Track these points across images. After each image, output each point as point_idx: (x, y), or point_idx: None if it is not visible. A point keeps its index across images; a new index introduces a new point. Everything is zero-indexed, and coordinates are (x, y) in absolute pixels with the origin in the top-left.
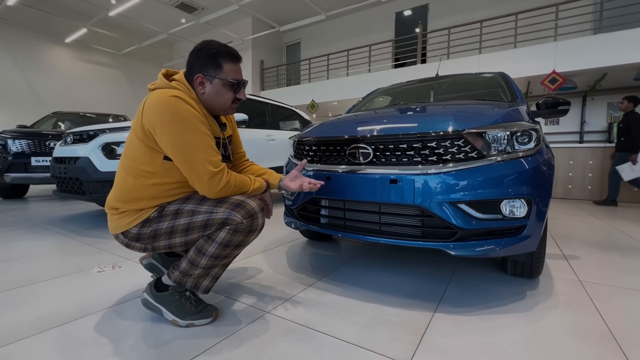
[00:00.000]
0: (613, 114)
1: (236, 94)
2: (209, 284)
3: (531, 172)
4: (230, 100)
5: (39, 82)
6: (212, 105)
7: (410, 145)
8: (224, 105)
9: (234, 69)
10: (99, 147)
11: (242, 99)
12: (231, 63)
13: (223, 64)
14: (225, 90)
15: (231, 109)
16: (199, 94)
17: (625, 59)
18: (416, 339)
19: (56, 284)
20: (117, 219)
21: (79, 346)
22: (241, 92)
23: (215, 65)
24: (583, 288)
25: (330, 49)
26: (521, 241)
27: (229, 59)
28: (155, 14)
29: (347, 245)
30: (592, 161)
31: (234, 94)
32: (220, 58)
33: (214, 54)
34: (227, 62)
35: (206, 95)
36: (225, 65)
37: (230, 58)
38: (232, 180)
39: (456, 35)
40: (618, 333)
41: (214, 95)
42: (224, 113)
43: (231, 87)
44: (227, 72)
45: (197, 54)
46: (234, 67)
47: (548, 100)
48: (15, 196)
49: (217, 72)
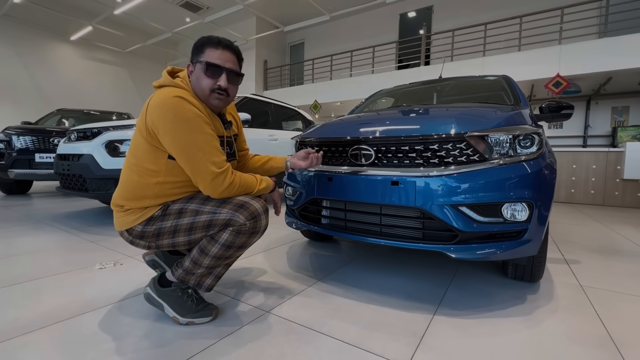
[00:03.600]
0: (617, 119)
1: (216, 80)
2: (211, 283)
3: (533, 176)
4: (209, 86)
5: (44, 79)
6: (197, 94)
7: (412, 148)
8: (204, 92)
9: (215, 54)
10: (103, 145)
11: (222, 87)
12: (213, 48)
13: (205, 49)
14: (202, 74)
15: (212, 99)
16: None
17: (630, 64)
18: (415, 340)
19: (58, 280)
20: (122, 217)
21: (81, 342)
22: (221, 79)
23: (199, 51)
24: (584, 293)
25: (334, 49)
26: (522, 245)
27: (212, 44)
28: (160, 12)
29: (348, 246)
30: (595, 165)
31: (213, 79)
32: (205, 45)
33: (200, 42)
34: (209, 47)
35: (192, 84)
36: (207, 50)
37: (213, 43)
38: (236, 180)
39: (460, 37)
40: (618, 338)
41: (195, 82)
42: (208, 105)
43: (208, 71)
44: (207, 55)
45: (194, 46)
46: (215, 52)
47: (551, 104)
48: (18, 192)
49: (198, 56)
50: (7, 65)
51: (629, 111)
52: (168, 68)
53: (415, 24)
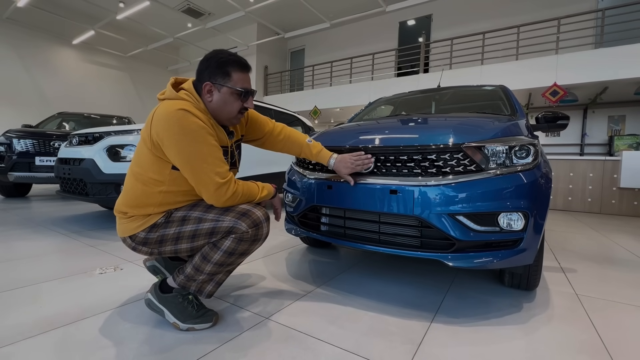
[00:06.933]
0: (614, 127)
1: (243, 103)
2: (212, 289)
3: (529, 186)
4: (237, 109)
5: (46, 83)
6: (218, 114)
7: (411, 157)
8: (230, 115)
9: (243, 77)
10: (104, 150)
11: (249, 108)
12: (240, 72)
13: (232, 72)
14: (232, 99)
15: (236, 119)
16: (206, 102)
17: (625, 74)
18: (413, 348)
19: (58, 285)
20: (125, 223)
21: (81, 348)
22: (249, 101)
23: (224, 73)
24: (579, 302)
25: (334, 56)
26: (518, 254)
27: (238, 67)
28: (162, 18)
29: (347, 253)
30: (592, 174)
31: (242, 103)
32: (230, 67)
33: (223, 63)
34: (236, 71)
35: (214, 104)
36: (234, 74)
37: (239, 67)
38: (239, 190)
39: (459, 46)
40: (612, 348)
41: (221, 104)
42: (229, 122)
43: (239, 95)
44: (236, 80)
45: (207, 63)
46: (243, 76)
47: (547, 115)
48: (17, 195)
49: (225, 80)
50: (9, 68)
51: (625, 120)
52: (172, 80)
53: (414, 32)
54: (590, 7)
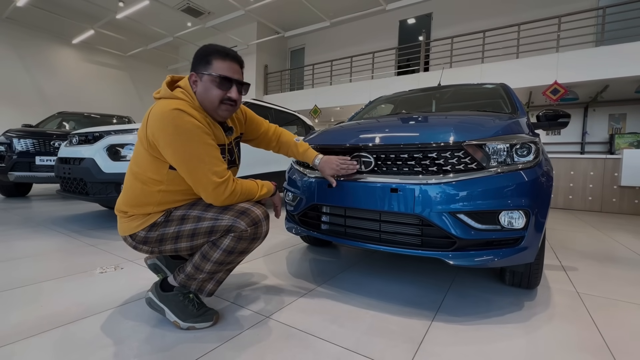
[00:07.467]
0: (614, 126)
1: (227, 92)
2: (212, 288)
3: (530, 184)
4: (218, 98)
5: (45, 82)
6: (204, 105)
7: (411, 155)
8: (213, 104)
9: (224, 66)
10: (104, 149)
11: (233, 98)
12: (221, 60)
13: (213, 60)
14: (212, 86)
15: (222, 110)
16: (196, 94)
17: (626, 72)
18: (413, 347)
19: (59, 284)
20: (125, 222)
21: (82, 347)
22: (232, 91)
23: (206, 62)
24: (580, 300)
25: (334, 55)
26: (519, 252)
27: (220, 56)
28: (162, 17)
29: (347, 252)
30: (593, 172)
31: (224, 92)
32: (211, 55)
33: (206, 52)
34: (217, 59)
35: (198, 94)
36: (215, 62)
37: (220, 55)
38: (237, 188)
39: (459, 44)
40: (614, 346)
41: (203, 93)
42: (217, 115)
43: (219, 83)
44: (216, 68)
45: (195, 55)
46: (224, 65)
47: (548, 113)
48: (18, 195)
49: (206, 68)
50: (9, 67)
51: (626, 118)
52: (167, 78)
53: (414, 30)
54: (591, 5)
